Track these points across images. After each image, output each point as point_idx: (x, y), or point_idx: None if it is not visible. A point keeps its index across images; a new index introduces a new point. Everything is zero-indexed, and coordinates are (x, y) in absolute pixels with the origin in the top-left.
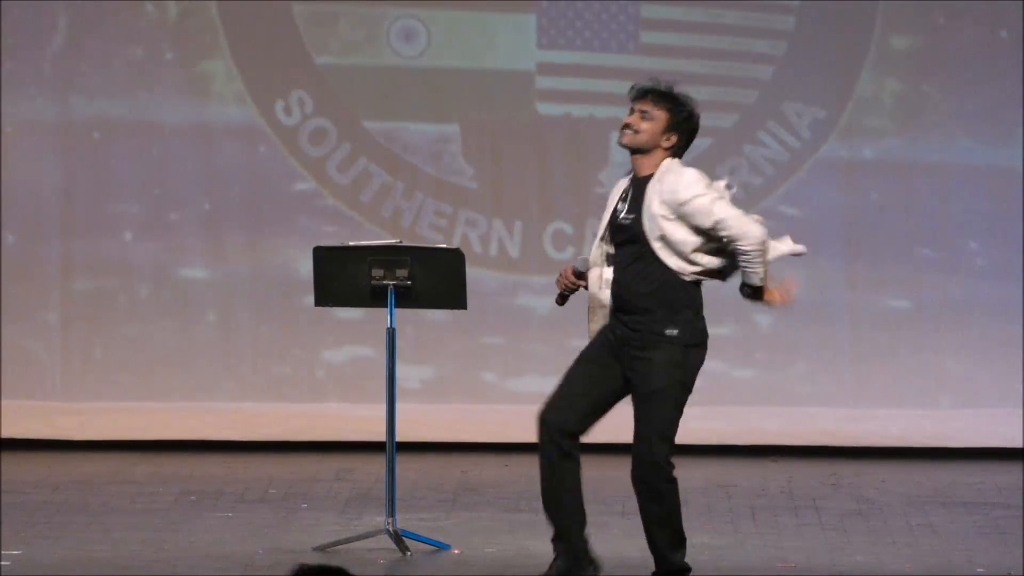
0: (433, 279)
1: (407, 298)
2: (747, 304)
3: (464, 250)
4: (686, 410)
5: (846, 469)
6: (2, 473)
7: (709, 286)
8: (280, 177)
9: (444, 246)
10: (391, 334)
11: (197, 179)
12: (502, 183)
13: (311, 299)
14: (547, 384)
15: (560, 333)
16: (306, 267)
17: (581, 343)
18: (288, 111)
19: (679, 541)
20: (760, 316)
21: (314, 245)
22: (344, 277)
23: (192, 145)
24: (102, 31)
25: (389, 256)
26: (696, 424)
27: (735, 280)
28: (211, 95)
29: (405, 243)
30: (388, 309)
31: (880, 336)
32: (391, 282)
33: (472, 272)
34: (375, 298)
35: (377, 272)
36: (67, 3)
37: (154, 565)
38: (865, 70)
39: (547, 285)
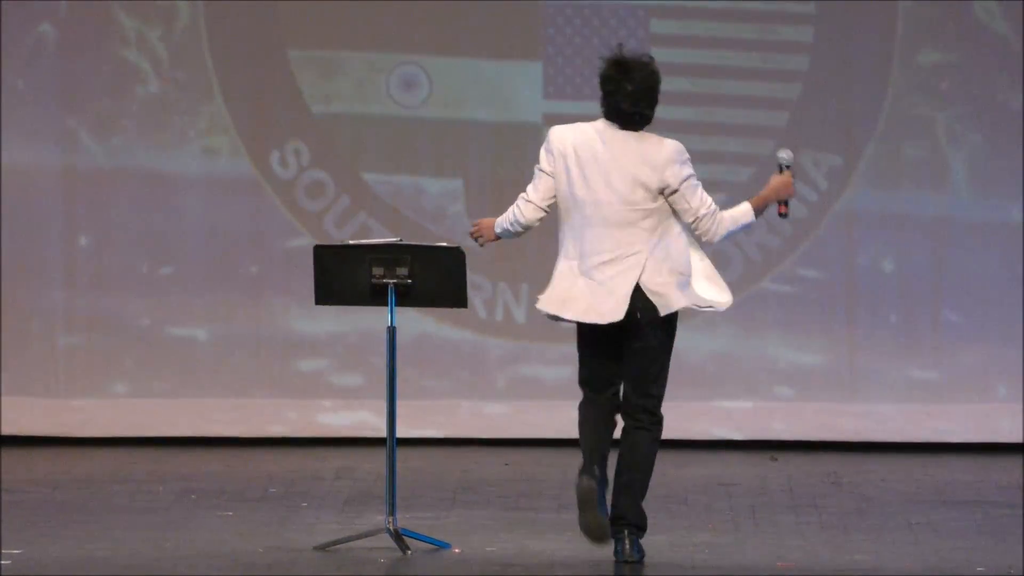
0: (434, 278)
1: (408, 297)
2: (765, 375)
3: (468, 314)
4: (684, 406)
5: (846, 468)
6: (2, 471)
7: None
8: (276, 231)
9: (445, 244)
10: (391, 332)
11: (190, 232)
12: (507, 243)
13: (309, 363)
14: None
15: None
16: (303, 324)
17: None
18: (284, 163)
19: None
20: (781, 388)
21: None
22: (344, 276)
23: (185, 197)
24: (98, 81)
25: (390, 255)
26: (696, 422)
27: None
28: (205, 146)
29: (405, 242)
30: (389, 308)
31: (880, 336)
32: (392, 280)
33: (476, 338)
34: (375, 297)
35: (377, 271)
36: (66, 52)
37: (154, 564)
38: (884, 108)
39: (555, 352)
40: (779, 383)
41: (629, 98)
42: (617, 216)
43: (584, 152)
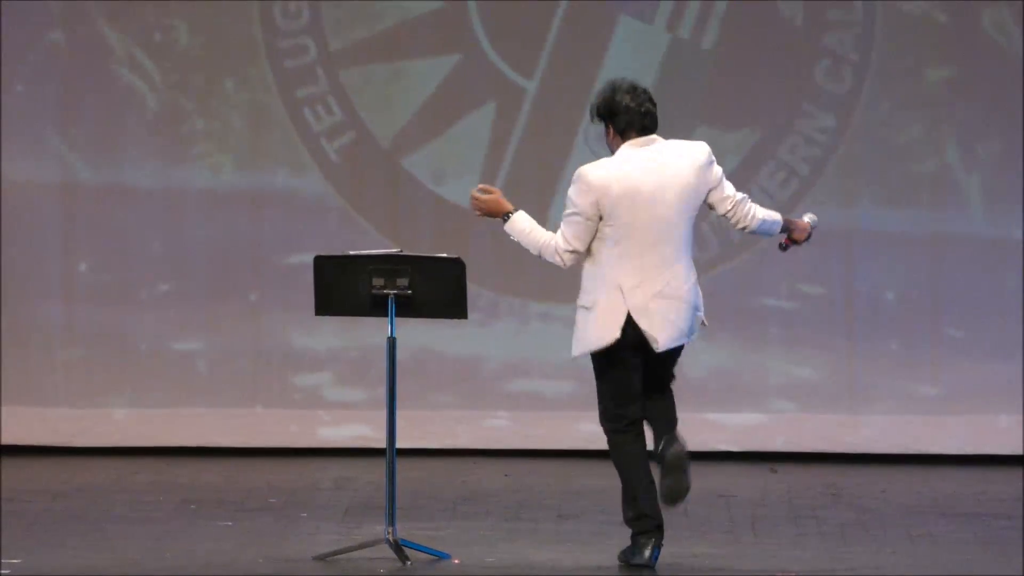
0: (434, 288)
1: (408, 308)
2: (766, 389)
3: (468, 325)
4: (685, 418)
5: (846, 479)
6: (2, 481)
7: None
8: (276, 246)
9: (445, 255)
10: (391, 343)
11: (190, 246)
12: (507, 253)
13: (309, 377)
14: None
15: (568, 415)
16: (302, 340)
17: (588, 427)
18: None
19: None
20: (782, 402)
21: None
22: (345, 286)
23: (185, 212)
24: (99, 97)
25: (390, 265)
26: (696, 435)
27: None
28: (203, 162)
29: (406, 252)
30: (389, 318)
31: (880, 350)
32: (392, 291)
33: (475, 350)
34: (375, 307)
35: (377, 281)
36: (67, 67)
37: (154, 574)
38: (886, 124)
39: (554, 364)
40: (779, 396)
41: (649, 106)
42: (672, 234)
43: (630, 181)
